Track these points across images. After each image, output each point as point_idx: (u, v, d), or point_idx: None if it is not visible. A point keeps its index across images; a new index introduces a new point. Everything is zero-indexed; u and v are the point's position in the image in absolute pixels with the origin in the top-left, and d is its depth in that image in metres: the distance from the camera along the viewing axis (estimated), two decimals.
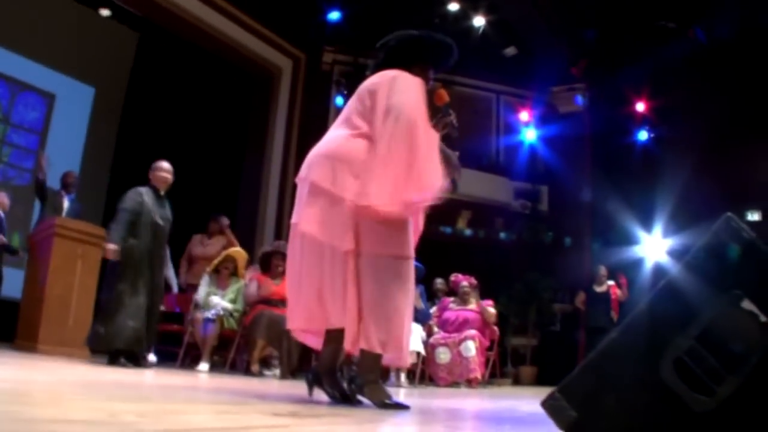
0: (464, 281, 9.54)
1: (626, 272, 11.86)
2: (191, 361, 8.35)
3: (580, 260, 13.23)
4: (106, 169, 11.81)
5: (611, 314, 11.05)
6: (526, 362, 12.38)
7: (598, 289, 11.41)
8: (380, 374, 3.77)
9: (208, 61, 12.24)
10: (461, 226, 13.66)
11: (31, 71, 10.87)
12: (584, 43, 13.26)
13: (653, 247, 12.81)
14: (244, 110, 13.16)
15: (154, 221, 6.71)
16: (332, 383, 3.77)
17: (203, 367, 7.62)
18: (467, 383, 8.75)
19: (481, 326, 9.22)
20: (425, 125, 3.59)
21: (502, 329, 9.83)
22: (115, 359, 6.29)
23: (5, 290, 8.51)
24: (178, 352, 8.36)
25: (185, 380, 5.37)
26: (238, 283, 8.43)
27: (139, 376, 5.28)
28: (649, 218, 12.69)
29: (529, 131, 14.23)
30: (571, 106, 13.97)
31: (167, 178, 7.02)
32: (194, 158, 11.76)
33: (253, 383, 5.80)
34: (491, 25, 12.92)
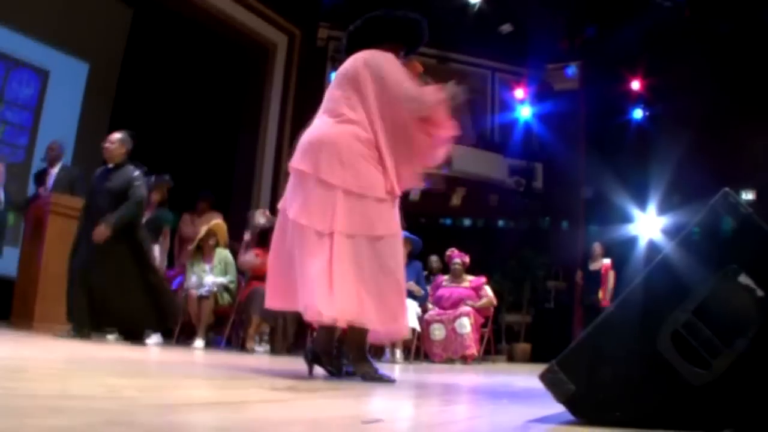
0: (457, 258, 9.55)
1: (620, 249, 11.90)
2: (186, 338, 8.37)
3: (574, 238, 13.26)
4: (100, 145, 11.75)
5: (599, 291, 11.06)
6: (519, 339, 12.44)
7: (591, 266, 11.43)
8: (373, 350, 3.83)
9: (202, 36, 12.16)
10: (455, 202, 13.64)
11: (24, 47, 10.78)
12: (578, 19, 13.23)
13: (647, 224, 12.85)
14: (238, 86, 13.12)
15: (91, 197, 6.69)
16: (330, 360, 3.81)
17: (198, 344, 7.64)
18: (462, 359, 8.80)
19: (475, 301, 9.25)
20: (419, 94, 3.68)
21: (496, 306, 9.85)
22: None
23: (1, 268, 8.50)
24: (173, 329, 8.39)
25: (181, 357, 5.40)
26: (222, 253, 8.41)
27: (135, 352, 5.30)
28: (643, 196, 12.71)
29: (524, 108, 14.20)
30: (566, 82, 13.95)
31: (106, 147, 6.86)
32: (188, 135, 11.73)
33: (249, 359, 5.83)
34: (487, 2, 12.85)
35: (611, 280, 11.08)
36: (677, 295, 1.98)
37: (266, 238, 8.43)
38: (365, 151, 3.64)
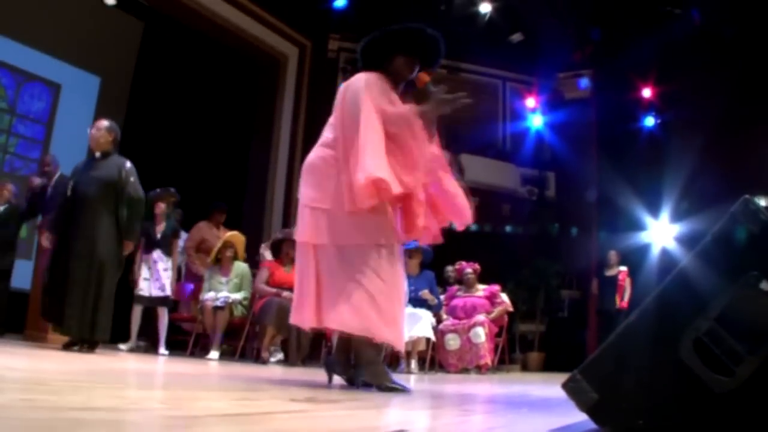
0: (468, 268, 9.55)
1: (633, 257, 11.87)
2: (200, 349, 8.39)
3: (587, 246, 13.20)
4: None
5: (615, 298, 11.05)
6: (533, 348, 12.37)
7: (607, 273, 11.42)
8: (387, 360, 3.83)
9: (213, 49, 12.21)
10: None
11: (36, 61, 10.85)
12: (588, 28, 13.21)
13: (660, 232, 12.78)
14: (250, 98, 13.14)
15: (76, 188, 6.12)
16: (346, 370, 3.82)
17: (213, 355, 7.65)
18: (477, 369, 8.76)
19: (489, 311, 9.23)
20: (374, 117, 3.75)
21: (510, 315, 9.82)
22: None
23: (15, 281, 8.52)
24: (187, 341, 8.40)
25: (197, 368, 5.40)
26: (240, 267, 8.44)
27: (151, 364, 5.30)
28: (656, 204, 12.63)
29: (535, 117, 14.16)
30: (577, 91, 13.91)
31: (92, 134, 6.34)
32: (201, 147, 11.76)
33: (264, 370, 5.83)
34: (497, 11, 12.85)
35: (629, 287, 11.09)
36: (699, 302, 1.97)
37: (278, 249, 8.47)
38: (331, 171, 3.79)
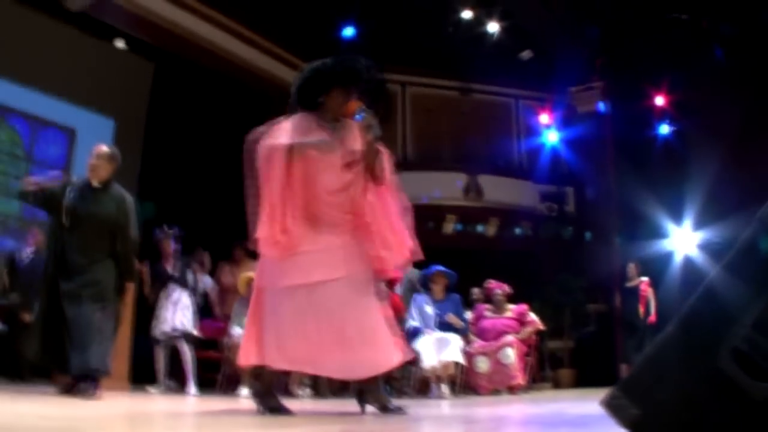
0: (498, 289, 9.49)
1: (656, 266, 11.82)
2: (228, 386, 8.34)
3: (609, 258, 13.10)
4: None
5: (639, 310, 10.94)
6: (564, 365, 12.26)
7: (628, 285, 11.33)
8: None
9: (225, 85, 12.26)
10: (490, 233, 13.61)
11: (49, 107, 10.94)
12: (597, 41, 13.19)
13: (683, 240, 12.73)
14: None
15: (73, 220, 5.53)
16: (376, 397, 3.81)
17: (243, 391, 7.60)
18: (508, 390, 8.67)
19: (518, 331, 9.16)
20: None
21: (538, 333, 9.74)
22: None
23: None
24: (216, 378, 8.37)
25: (229, 406, 5.35)
26: None
27: (182, 405, 5.27)
28: (678, 211, 12.60)
29: (550, 133, 14.13)
30: (590, 105, 13.86)
31: (91, 163, 5.79)
32: (218, 184, 11.78)
33: (295, 404, 5.78)
34: (505, 30, 12.85)
35: (653, 297, 10.98)
36: (737, 308, 1.92)
37: None
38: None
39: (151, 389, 7.72)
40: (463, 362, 8.33)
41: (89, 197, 5.64)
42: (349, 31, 12.62)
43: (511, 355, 8.72)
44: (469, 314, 9.42)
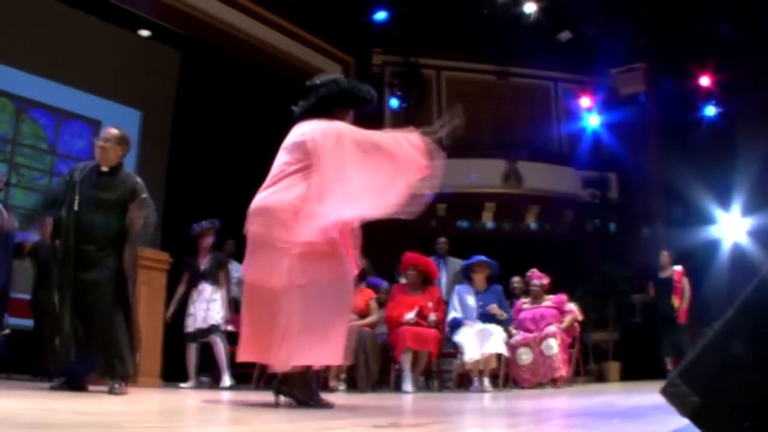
0: (536, 279, 9.23)
1: (702, 252, 11.68)
2: (265, 381, 8.13)
3: (655, 246, 12.72)
4: (160, 192, 11.66)
5: (672, 300, 10.56)
6: (608, 358, 11.95)
7: (662, 275, 10.92)
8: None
9: (254, 73, 12.10)
10: (530, 221, 13.40)
11: (74, 99, 10.85)
12: (639, 19, 12.84)
13: (731, 227, 12.45)
14: (296, 121, 12.96)
15: (80, 201, 5.18)
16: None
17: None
18: (552, 383, 8.44)
19: (558, 320, 8.86)
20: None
21: (581, 325, 9.44)
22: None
23: None
24: (251, 372, 8.17)
25: (266, 399, 5.16)
26: None
27: (217, 399, 5.35)
28: (725, 197, 12.32)
29: (591, 117, 13.92)
30: (632, 86, 13.56)
31: (100, 146, 5.40)
32: (247, 175, 11.56)
33: (336, 398, 5.56)
34: (543, 10, 12.57)
35: (687, 287, 10.61)
36: None
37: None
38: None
39: (182, 385, 7.55)
40: (505, 354, 8.06)
41: (99, 183, 5.29)
42: (381, 15, 12.51)
43: (554, 346, 8.48)
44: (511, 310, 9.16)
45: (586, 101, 13.90)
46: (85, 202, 5.16)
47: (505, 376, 8.42)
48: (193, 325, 7.89)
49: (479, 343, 7.77)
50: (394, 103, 13.16)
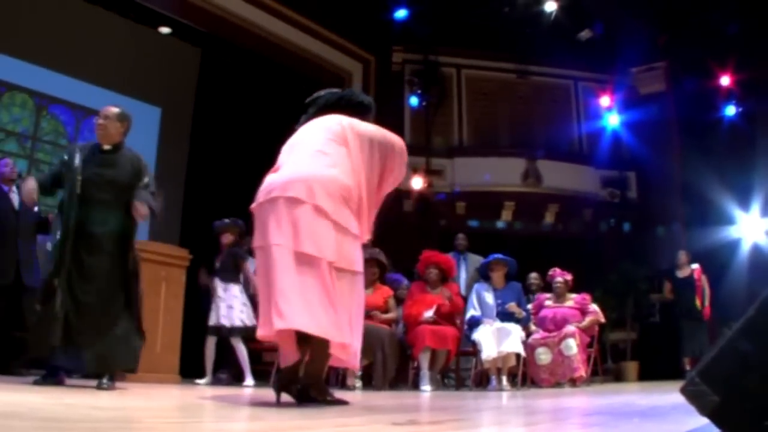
0: (559, 277, 9.20)
1: (722, 253, 11.62)
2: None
3: (675, 246, 12.69)
4: (180, 188, 11.73)
5: (695, 300, 10.53)
6: (626, 357, 11.91)
7: (680, 274, 10.87)
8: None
9: (274, 70, 12.10)
10: (549, 220, 13.37)
11: (94, 96, 10.87)
12: (660, 18, 12.79)
13: (751, 227, 12.40)
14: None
15: (83, 182, 4.95)
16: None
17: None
18: (570, 383, 8.42)
19: (580, 320, 8.84)
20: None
21: (600, 325, 9.41)
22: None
23: None
24: (269, 370, 8.19)
25: (284, 397, 5.17)
26: None
27: (235, 396, 5.22)
28: (745, 197, 12.28)
29: (611, 116, 13.88)
30: (653, 85, 13.52)
31: (99, 123, 5.27)
32: (266, 170, 11.60)
33: (353, 396, 5.58)
34: (563, 8, 12.54)
35: (707, 285, 10.59)
36: None
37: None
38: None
39: (199, 381, 7.58)
40: (523, 354, 8.05)
41: (101, 161, 5.11)
42: (401, 13, 12.52)
43: (573, 346, 8.45)
44: (529, 306, 9.13)
45: (606, 100, 13.84)
46: (87, 182, 4.96)
47: (523, 375, 8.43)
48: (214, 319, 7.88)
49: (497, 341, 7.76)
50: (413, 101, 13.18)
